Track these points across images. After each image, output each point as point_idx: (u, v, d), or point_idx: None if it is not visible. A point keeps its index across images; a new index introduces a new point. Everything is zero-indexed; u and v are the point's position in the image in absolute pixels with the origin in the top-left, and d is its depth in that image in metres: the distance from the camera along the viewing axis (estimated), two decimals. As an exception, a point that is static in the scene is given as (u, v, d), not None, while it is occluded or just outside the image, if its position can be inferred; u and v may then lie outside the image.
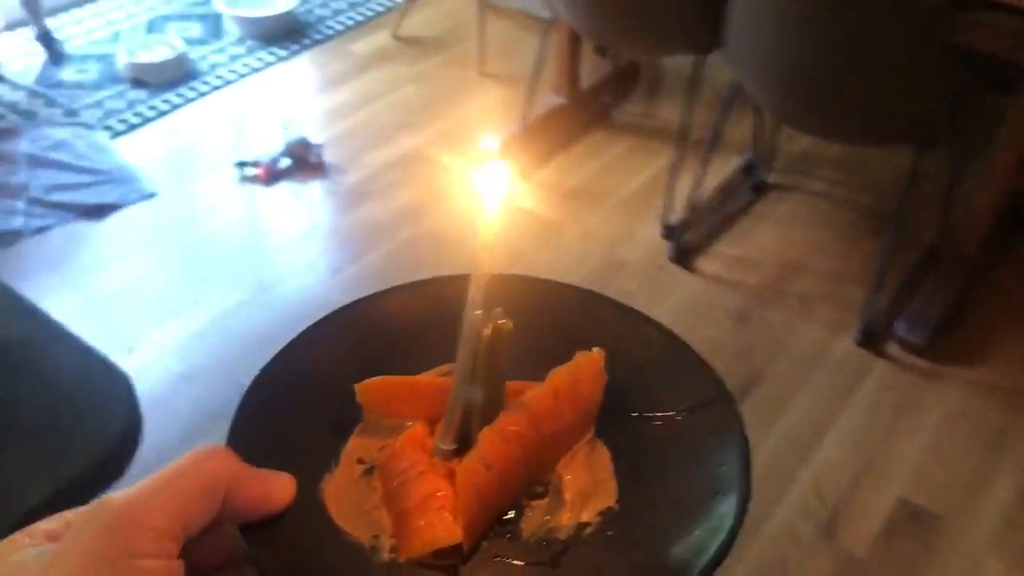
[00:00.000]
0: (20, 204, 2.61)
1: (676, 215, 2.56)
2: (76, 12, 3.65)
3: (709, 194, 2.67)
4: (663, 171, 2.71)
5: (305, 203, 2.75)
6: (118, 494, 0.37)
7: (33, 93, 3.14)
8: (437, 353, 0.52)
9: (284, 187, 2.78)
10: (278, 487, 0.43)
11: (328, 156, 2.88)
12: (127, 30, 3.55)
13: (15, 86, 3.17)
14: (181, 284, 2.43)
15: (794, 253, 2.53)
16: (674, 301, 2.38)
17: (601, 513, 0.47)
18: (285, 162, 2.80)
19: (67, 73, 3.27)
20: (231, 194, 2.75)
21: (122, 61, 3.22)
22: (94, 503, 0.37)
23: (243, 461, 0.42)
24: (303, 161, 2.82)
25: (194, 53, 3.38)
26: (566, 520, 0.47)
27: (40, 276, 2.41)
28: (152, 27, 3.57)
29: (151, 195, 2.71)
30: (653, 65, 3.34)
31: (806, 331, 2.28)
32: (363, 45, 3.53)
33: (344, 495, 0.47)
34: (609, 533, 0.46)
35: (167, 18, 3.63)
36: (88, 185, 2.71)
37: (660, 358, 0.53)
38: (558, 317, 0.55)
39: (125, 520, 0.36)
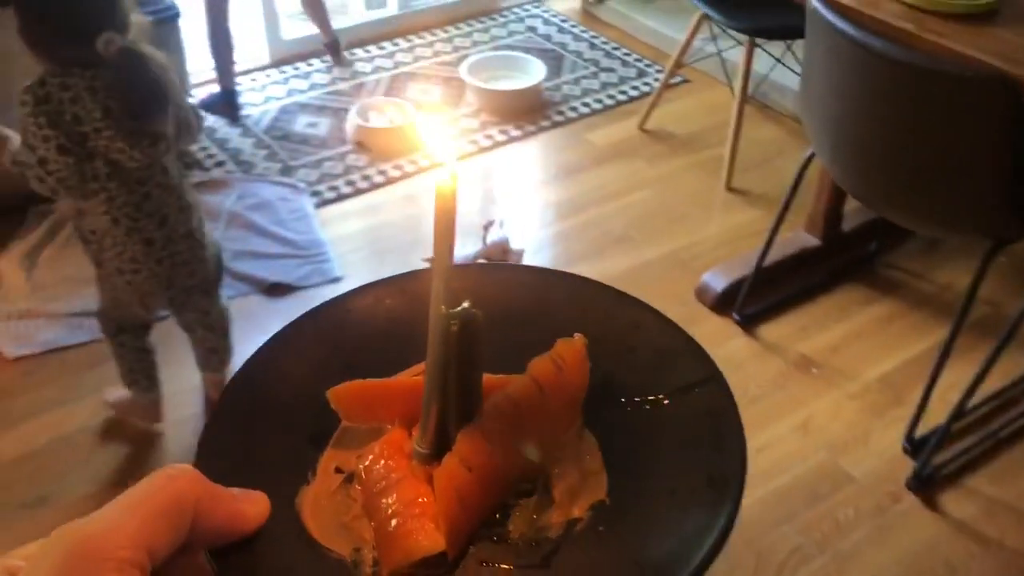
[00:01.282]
0: (205, 267, 2.49)
1: (930, 424, 1.99)
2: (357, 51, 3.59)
3: (983, 402, 2.07)
4: (929, 354, 2.14)
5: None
6: (78, 522, 0.35)
7: (259, 143, 3.06)
8: (413, 351, 0.48)
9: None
10: (250, 506, 0.41)
11: (529, 263, 2.55)
12: (371, 83, 3.43)
13: (247, 131, 3.12)
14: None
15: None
16: (901, 549, 1.83)
17: (592, 507, 0.44)
18: (478, 265, 2.50)
19: (300, 123, 3.18)
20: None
21: (350, 122, 3.08)
22: (53, 533, 0.35)
23: (213, 481, 0.40)
24: (499, 267, 2.51)
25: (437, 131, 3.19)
26: (556, 518, 0.44)
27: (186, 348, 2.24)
28: (393, 85, 3.43)
29: (336, 279, 2.51)
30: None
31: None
32: (604, 134, 3.18)
33: (323, 508, 0.45)
34: (601, 529, 0.43)
35: (412, 76, 3.48)
36: (276, 257, 2.55)
37: (646, 340, 0.50)
38: (537, 304, 0.53)
39: (85, 550, 0.34)
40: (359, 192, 2.86)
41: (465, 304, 0.43)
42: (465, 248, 2.53)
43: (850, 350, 2.30)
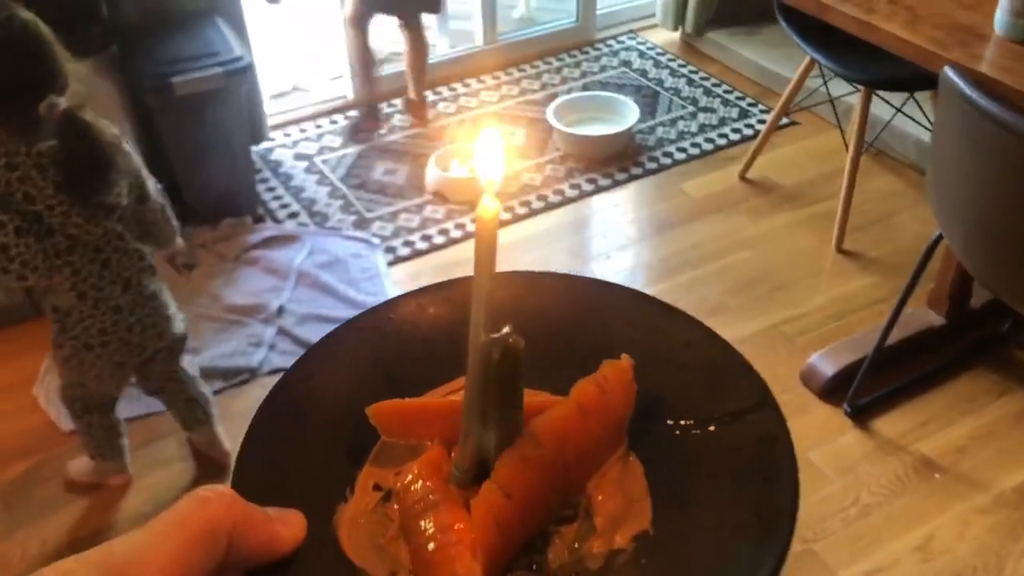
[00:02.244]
0: (269, 333, 2.36)
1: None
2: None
3: None
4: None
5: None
6: (111, 547, 0.35)
7: (334, 192, 2.92)
8: (455, 362, 0.46)
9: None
10: (287, 528, 0.41)
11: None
12: (453, 124, 3.26)
13: (323, 178, 2.99)
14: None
15: None
16: None
17: (635, 538, 0.43)
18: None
19: (378, 170, 3.03)
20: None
21: (429, 171, 2.91)
22: (89, 554, 0.35)
23: (249, 500, 0.39)
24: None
25: (506, 169, 3.00)
26: (597, 547, 0.43)
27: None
28: (477, 128, 3.25)
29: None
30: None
31: None
32: (700, 184, 2.93)
33: (359, 527, 0.44)
34: (644, 561, 0.42)
35: (498, 117, 3.29)
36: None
37: (697, 359, 0.49)
38: (583, 317, 0.52)
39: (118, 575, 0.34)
40: (434, 248, 2.69)
41: (506, 330, 0.42)
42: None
43: (980, 452, 2.01)
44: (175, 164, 2.52)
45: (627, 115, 3.11)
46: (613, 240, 2.75)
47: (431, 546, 0.42)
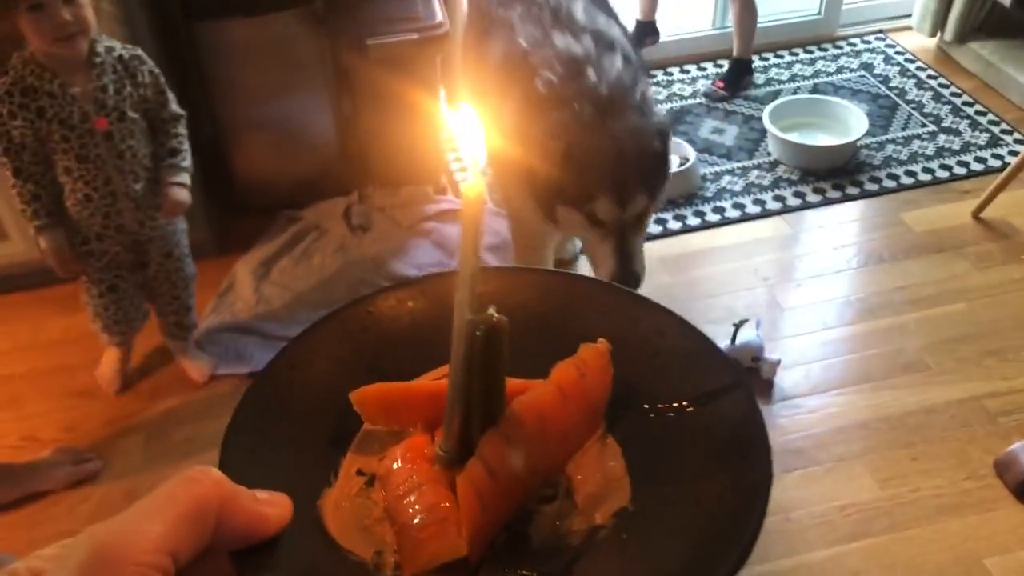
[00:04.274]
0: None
1: None
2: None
3: None
4: None
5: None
6: (101, 526, 0.36)
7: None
8: (435, 353, 0.48)
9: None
10: (273, 509, 0.41)
11: (782, 380, 2.10)
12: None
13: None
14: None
15: None
16: None
17: (615, 514, 0.44)
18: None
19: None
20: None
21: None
22: (79, 536, 0.36)
23: (236, 482, 0.40)
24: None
25: (713, 167, 2.78)
26: (578, 524, 0.44)
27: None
28: (684, 118, 3.03)
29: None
30: None
31: None
32: (925, 216, 2.58)
33: (344, 510, 0.45)
34: (624, 536, 0.43)
35: (709, 110, 3.06)
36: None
37: (671, 346, 0.50)
38: (562, 309, 0.53)
39: (107, 556, 0.35)
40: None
41: (491, 310, 0.43)
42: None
43: None
44: (365, 122, 2.50)
45: (854, 126, 2.80)
46: (810, 266, 2.47)
47: (416, 523, 0.43)
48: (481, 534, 0.43)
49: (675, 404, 0.48)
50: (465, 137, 0.43)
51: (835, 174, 2.73)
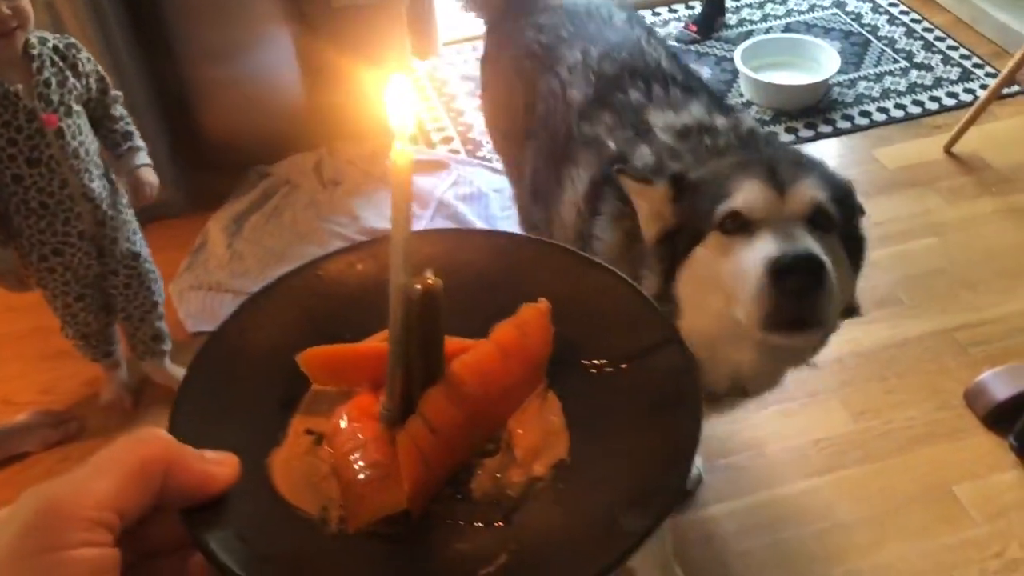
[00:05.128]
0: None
1: None
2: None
3: None
4: None
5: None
6: (47, 484, 0.37)
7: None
8: (384, 315, 0.46)
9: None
10: (220, 468, 0.43)
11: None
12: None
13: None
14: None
15: None
16: None
17: (553, 466, 0.46)
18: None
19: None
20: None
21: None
22: (24, 494, 0.37)
23: (185, 443, 0.42)
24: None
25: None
26: (517, 476, 0.46)
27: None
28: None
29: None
30: None
31: None
32: (898, 153, 2.58)
33: (293, 468, 0.46)
34: (561, 487, 0.45)
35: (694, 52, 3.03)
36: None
37: (611, 305, 0.52)
38: (506, 269, 0.54)
39: (53, 511, 0.36)
40: (585, 191, 2.53)
41: (427, 273, 0.44)
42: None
43: None
44: (332, 75, 2.47)
45: (826, 63, 2.78)
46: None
47: (361, 479, 0.44)
48: (422, 488, 0.44)
49: (613, 360, 0.50)
50: (396, 105, 0.43)
51: (807, 113, 2.73)
